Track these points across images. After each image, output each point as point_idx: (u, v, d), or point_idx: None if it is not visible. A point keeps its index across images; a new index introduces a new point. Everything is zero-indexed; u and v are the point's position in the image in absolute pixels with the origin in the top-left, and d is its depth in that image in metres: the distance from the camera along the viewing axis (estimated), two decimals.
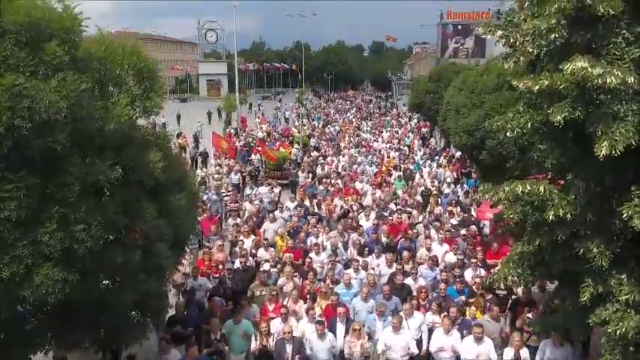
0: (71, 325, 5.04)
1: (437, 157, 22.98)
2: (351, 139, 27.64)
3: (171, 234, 5.90)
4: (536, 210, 5.00)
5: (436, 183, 17.67)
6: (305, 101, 65.50)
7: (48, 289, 4.43)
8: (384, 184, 17.44)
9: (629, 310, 4.66)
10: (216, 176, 18.58)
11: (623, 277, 4.83)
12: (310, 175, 18.96)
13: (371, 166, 20.72)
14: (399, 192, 16.24)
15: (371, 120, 39.32)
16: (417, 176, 18.85)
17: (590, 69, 4.18)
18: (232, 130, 30.59)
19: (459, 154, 20.94)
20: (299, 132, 27.34)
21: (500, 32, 5.56)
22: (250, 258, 10.38)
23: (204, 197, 14.53)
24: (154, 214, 5.41)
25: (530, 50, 5.04)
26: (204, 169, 20.58)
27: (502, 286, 7.15)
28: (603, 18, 4.46)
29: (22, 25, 4.38)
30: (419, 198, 15.55)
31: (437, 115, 23.47)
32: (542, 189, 4.84)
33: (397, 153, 24.29)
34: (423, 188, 16.52)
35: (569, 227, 4.94)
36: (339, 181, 17.50)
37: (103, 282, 5.29)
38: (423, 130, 30.67)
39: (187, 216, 6.34)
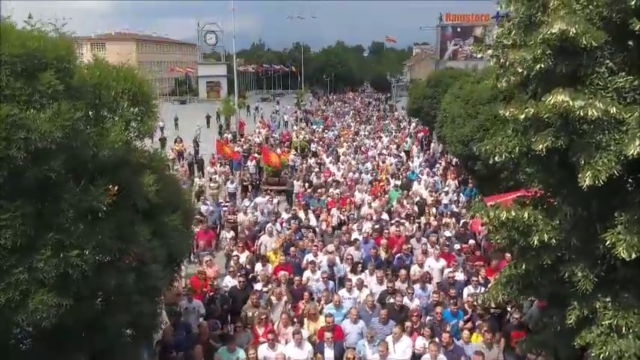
0: (65, 347, 5.12)
1: (436, 165, 22.64)
2: (349, 144, 27.32)
3: (166, 254, 6.00)
4: (522, 235, 5.10)
5: (434, 193, 17.07)
6: (305, 103, 65.80)
7: (43, 314, 4.52)
8: (382, 193, 17.14)
9: (612, 334, 4.75)
10: (212, 185, 18.17)
11: (608, 300, 4.92)
12: (306, 184, 18.68)
13: (367, 174, 20.38)
14: (394, 202, 15.87)
15: (370, 124, 39.05)
16: (415, 184, 18.43)
17: (571, 102, 4.28)
18: (229, 136, 30.23)
19: (456, 160, 20.90)
20: (297, 137, 27.30)
21: (490, 51, 5.67)
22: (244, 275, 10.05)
23: (202, 208, 14.28)
24: (147, 236, 5.51)
25: (520, 71, 5.13)
26: (202, 178, 20.25)
27: (493, 304, 7.18)
28: (587, 49, 4.56)
29: (18, 56, 4.48)
30: (415, 208, 15.24)
31: (434, 120, 23.59)
32: (526, 215, 4.94)
33: (395, 160, 23.83)
34: (418, 198, 16.21)
35: (554, 252, 5.04)
36: (337, 191, 17.17)
37: (97, 304, 5.36)
38: (420, 134, 30.64)
39: (182, 235, 6.43)
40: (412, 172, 20.51)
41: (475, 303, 8.26)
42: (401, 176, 19.67)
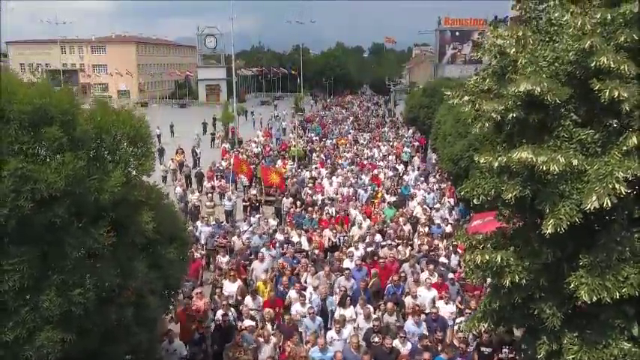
0: None
1: (429, 177, 21.86)
2: (346, 156, 26.14)
3: (162, 285, 6.37)
4: (495, 275, 5.46)
5: (427, 210, 16.40)
6: (303, 107, 65.92)
7: (49, 349, 4.89)
8: (376, 212, 16.38)
9: None
10: (207, 204, 17.15)
11: (575, 335, 5.28)
12: (297, 202, 17.56)
13: (364, 190, 19.20)
14: (388, 221, 15.21)
15: (369, 131, 38.54)
16: (413, 203, 17.45)
17: (534, 158, 4.64)
18: (227, 146, 29.45)
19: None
20: (294, 146, 27.46)
21: (467, 97, 6.01)
22: (233, 309, 9.71)
23: (197, 232, 13.84)
24: (145, 270, 5.87)
25: (494, 116, 5.49)
26: (198, 193, 19.29)
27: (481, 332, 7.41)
28: (552, 104, 4.91)
29: (26, 112, 4.85)
30: (409, 227, 14.68)
31: (430, 129, 23.91)
32: (499, 258, 5.29)
33: (392, 173, 22.73)
34: (414, 214, 15.67)
35: (525, 291, 5.39)
36: (332, 210, 16.32)
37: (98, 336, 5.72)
38: (416, 144, 30.67)
39: (178, 267, 6.79)
40: (405, 187, 19.87)
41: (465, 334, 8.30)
42: (396, 192, 18.92)
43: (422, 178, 21.39)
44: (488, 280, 6.31)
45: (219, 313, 9.37)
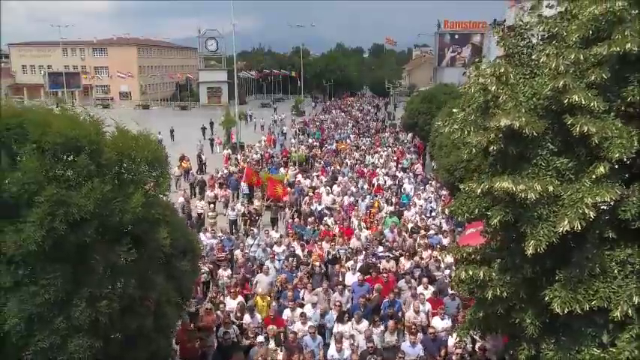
0: None
1: (428, 184, 22.12)
2: (347, 162, 26.32)
3: (177, 295, 6.94)
4: (479, 288, 6.03)
5: (425, 220, 16.46)
6: (303, 110, 66.43)
7: (79, 355, 5.46)
8: (375, 221, 16.44)
9: None
10: (210, 214, 17.00)
11: (552, 341, 5.84)
12: (295, 213, 17.41)
13: (363, 199, 19.24)
14: (387, 231, 15.20)
15: (369, 136, 38.56)
16: (406, 212, 17.64)
17: (513, 187, 5.21)
18: (229, 151, 29.44)
19: None
20: (296, 151, 27.92)
21: (456, 126, 6.58)
22: (235, 327, 9.69)
23: (210, 242, 13.66)
24: (162, 282, 6.45)
25: (479, 147, 6.06)
26: (202, 201, 19.17)
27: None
28: (531, 136, 5.48)
29: (59, 144, 5.42)
30: (407, 237, 14.57)
31: (429, 135, 24.44)
32: (481, 274, 5.87)
33: (391, 182, 22.69)
34: (412, 225, 15.78)
35: (506, 302, 5.97)
36: (330, 220, 16.34)
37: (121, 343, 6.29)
38: (412, 149, 31.10)
39: (190, 277, 7.37)
40: (404, 196, 19.97)
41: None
42: (393, 202, 19.02)
43: (421, 187, 21.42)
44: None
45: (221, 330, 9.47)
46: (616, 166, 5.38)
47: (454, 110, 6.65)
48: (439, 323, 9.93)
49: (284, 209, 18.62)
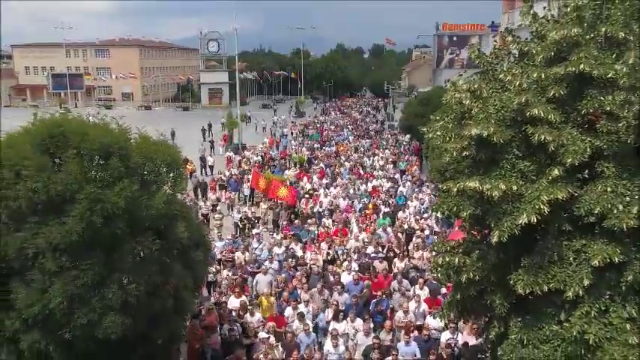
0: (125, 352, 6.99)
1: (424, 185, 22.48)
2: (347, 164, 26.63)
3: (192, 282, 7.88)
4: (455, 273, 6.94)
5: (420, 221, 16.82)
6: (304, 111, 67.25)
7: (112, 330, 6.38)
8: (370, 222, 16.61)
9: (518, 346, 6.58)
10: (216, 216, 17.22)
11: (518, 320, 6.76)
12: (292, 215, 17.66)
13: (359, 201, 19.54)
14: (380, 231, 15.64)
15: (368, 138, 38.95)
16: (401, 213, 17.90)
17: (480, 186, 6.12)
18: (231, 154, 29.58)
19: None
20: (296, 152, 28.69)
21: (439, 132, 7.51)
22: (238, 324, 10.15)
23: (218, 245, 13.87)
24: (181, 270, 7.38)
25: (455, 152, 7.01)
26: (207, 203, 19.47)
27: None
28: (498, 143, 6.40)
29: (95, 150, 6.35)
30: (401, 237, 14.98)
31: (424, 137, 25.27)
32: (456, 260, 6.78)
33: (389, 184, 22.87)
34: (406, 226, 16.09)
35: (478, 285, 6.88)
36: (329, 221, 16.73)
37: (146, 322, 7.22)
38: (409, 152, 31.68)
39: (203, 267, 8.31)
40: (399, 197, 20.25)
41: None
42: (390, 203, 19.33)
43: (417, 189, 21.70)
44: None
45: (226, 327, 9.96)
46: (571, 169, 6.31)
47: (437, 118, 7.57)
48: (432, 322, 10.23)
49: (285, 211, 19.00)
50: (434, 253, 13.15)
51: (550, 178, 6.16)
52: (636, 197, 5.85)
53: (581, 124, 6.52)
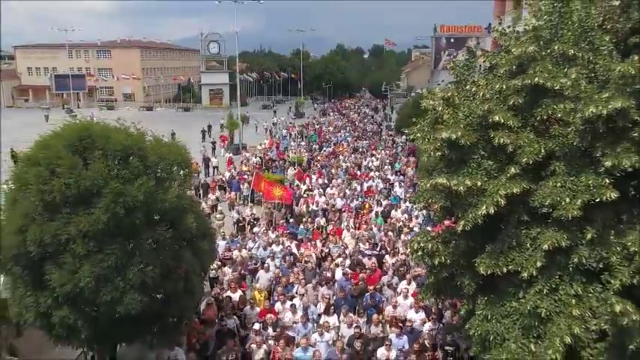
0: (142, 326, 8.00)
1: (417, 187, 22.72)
2: (344, 165, 27.26)
3: (200, 268, 8.90)
4: (429, 257, 7.97)
5: (411, 219, 17.50)
6: (305, 109, 68.00)
7: (133, 306, 7.38)
8: (363, 221, 17.36)
9: (484, 320, 7.59)
10: (218, 216, 17.72)
11: (484, 299, 7.77)
12: (288, 214, 18.14)
13: (354, 201, 20.10)
14: (374, 229, 16.25)
15: (366, 139, 39.35)
16: (393, 212, 18.59)
17: (447, 182, 7.14)
18: (230, 154, 30.01)
19: None
20: (294, 153, 29.50)
21: (419, 134, 8.52)
22: (235, 317, 10.89)
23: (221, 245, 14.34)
24: (190, 256, 8.39)
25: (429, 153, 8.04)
26: (208, 202, 19.98)
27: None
28: (465, 145, 7.40)
29: (118, 150, 7.37)
30: (391, 235, 15.57)
31: None
32: (430, 246, 7.81)
33: (382, 185, 23.50)
34: (400, 225, 16.83)
35: (450, 268, 7.90)
36: (322, 220, 17.32)
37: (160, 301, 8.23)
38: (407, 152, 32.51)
39: (209, 256, 9.32)
40: (394, 198, 20.85)
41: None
42: (383, 203, 19.88)
43: (410, 189, 22.30)
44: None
45: (230, 320, 10.75)
46: (529, 167, 7.31)
47: (414, 121, 8.59)
48: (415, 316, 11.12)
49: (279, 211, 19.47)
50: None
51: (508, 175, 7.18)
52: (580, 192, 6.84)
53: (537, 128, 7.55)
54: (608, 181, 6.59)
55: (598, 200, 6.65)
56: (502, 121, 7.20)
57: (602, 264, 6.85)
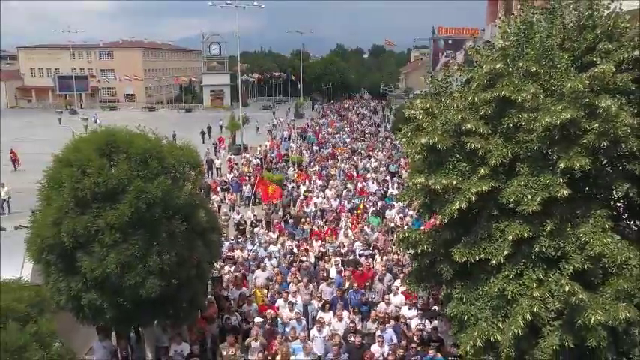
0: (159, 307, 9.08)
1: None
2: (342, 166, 27.80)
3: (209, 257, 9.99)
4: (412, 246, 9.07)
5: (405, 219, 18.19)
6: (304, 110, 68.84)
7: (153, 290, 8.45)
8: (358, 221, 18.04)
9: (460, 304, 8.67)
10: (223, 217, 18.25)
11: (461, 284, 8.86)
12: (287, 215, 18.72)
13: (349, 201, 20.64)
14: (367, 229, 16.96)
15: (365, 140, 39.91)
16: (388, 211, 19.29)
17: (426, 182, 8.22)
18: (232, 156, 30.60)
19: None
20: (293, 153, 30.39)
21: (404, 139, 9.60)
22: (237, 314, 11.57)
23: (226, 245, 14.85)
24: (201, 247, 9.47)
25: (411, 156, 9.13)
26: (213, 204, 19.86)
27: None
28: (443, 149, 8.48)
29: (139, 154, 8.46)
30: (384, 236, 16.40)
31: None
32: (413, 235, 8.90)
33: (376, 187, 24.02)
34: (392, 225, 17.68)
35: (431, 256, 9.00)
36: (321, 222, 18.04)
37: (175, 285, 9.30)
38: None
39: (217, 247, 10.40)
40: (388, 198, 21.38)
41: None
42: (377, 204, 20.56)
43: (403, 190, 22.85)
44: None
45: (225, 317, 11.47)
46: (499, 169, 8.39)
47: (399, 126, 9.68)
48: (407, 312, 11.99)
49: (276, 213, 19.97)
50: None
51: (479, 175, 8.27)
52: (540, 190, 7.91)
53: (504, 135, 8.63)
54: (562, 180, 7.67)
55: (555, 197, 7.72)
56: (474, 128, 8.28)
57: (559, 252, 7.94)
